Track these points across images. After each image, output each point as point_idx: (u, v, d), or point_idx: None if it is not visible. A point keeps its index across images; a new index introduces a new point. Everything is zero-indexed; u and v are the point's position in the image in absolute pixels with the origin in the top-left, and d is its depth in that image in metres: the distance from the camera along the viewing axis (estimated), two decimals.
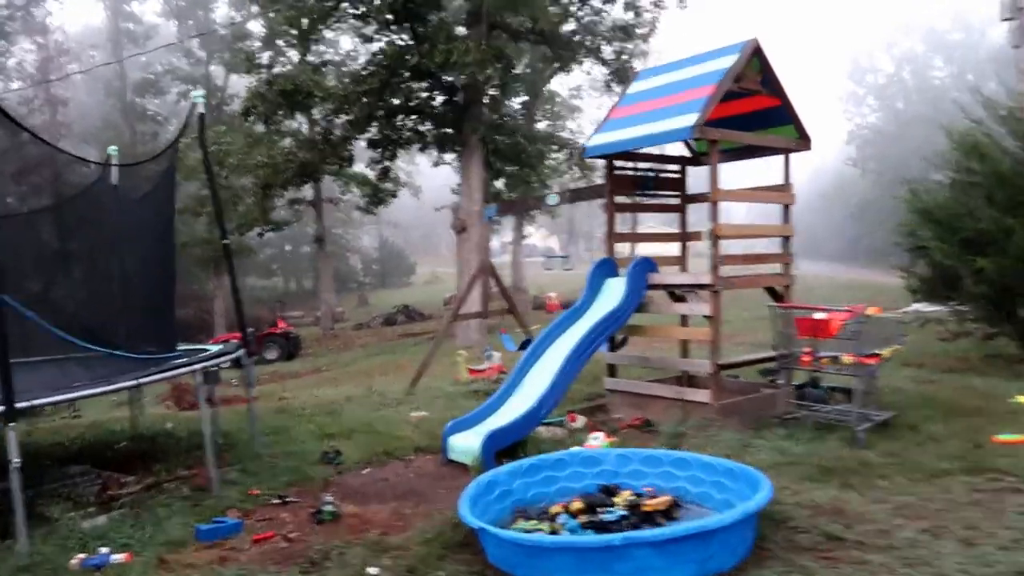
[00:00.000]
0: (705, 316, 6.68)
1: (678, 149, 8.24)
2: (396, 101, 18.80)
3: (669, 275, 7.17)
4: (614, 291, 7.16)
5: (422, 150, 20.91)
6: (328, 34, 18.89)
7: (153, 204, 7.16)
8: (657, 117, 6.87)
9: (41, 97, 36.68)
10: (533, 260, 52.24)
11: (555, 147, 20.06)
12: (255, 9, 20.66)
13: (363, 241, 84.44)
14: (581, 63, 19.99)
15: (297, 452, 6.56)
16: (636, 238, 8.07)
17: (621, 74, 19.85)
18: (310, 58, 18.74)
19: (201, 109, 6.63)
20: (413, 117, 19.19)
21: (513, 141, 19.68)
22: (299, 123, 23.38)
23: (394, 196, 22.23)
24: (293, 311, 50.95)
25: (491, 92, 18.60)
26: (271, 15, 17.72)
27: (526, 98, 25.93)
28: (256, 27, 31.15)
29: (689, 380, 8.02)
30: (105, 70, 46.63)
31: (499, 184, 23.17)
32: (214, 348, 7.17)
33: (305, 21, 17.17)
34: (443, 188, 57.33)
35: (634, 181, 7.67)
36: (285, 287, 72.67)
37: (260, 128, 18.53)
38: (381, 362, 20.57)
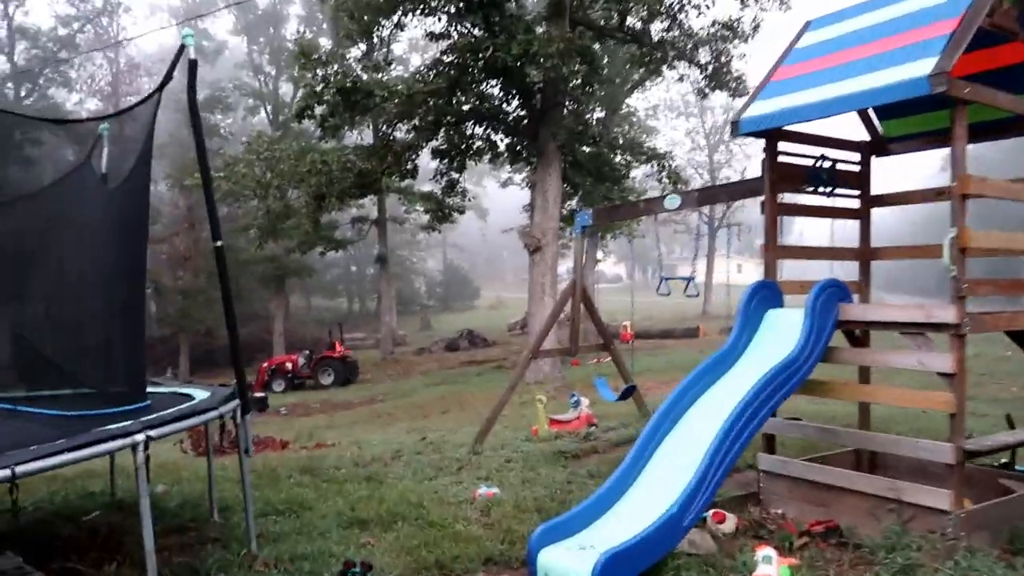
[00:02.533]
0: (942, 374, 4.25)
1: (857, 132, 5.89)
2: (466, 106, 16.87)
3: (874, 308, 4.78)
4: (783, 328, 4.83)
5: (492, 161, 18.93)
6: (391, 32, 17.03)
7: (127, 194, 5.18)
8: (858, 70, 4.56)
9: (110, 111, 36.38)
10: (606, 287, 49.89)
11: (643, 158, 17.78)
12: (322, 15, 19.01)
13: (427, 263, 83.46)
14: (674, 67, 17.76)
15: (308, 557, 4.40)
16: (805, 253, 5.66)
17: (717, 78, 17.49)
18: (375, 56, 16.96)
19: (191, 55, 4.63)
20: (484, 124, 17.22)
21: (595, 151, 17.47)
22: (359, 133, 21.69)
23: (461, 212, 20.29)
24: (355, 333, 49.70)
25: (573, 92, 16.47)
26: (339, 12, 15.99)
27: (602, 114, 23.83)
28: (325, 41, 30.06)
29: (872, 462, 5.59)
30: (174, 85, 46.63)
31: (572, 204, 21.06)
32: (200, 394, 5.08)
33: (367, 16, 15.45)
34: (511, 211, 55.64)
35: (803, 173, 5.35)
36: (349, 308, 71.99)
37: (317, 133, 16.81)
38: (442, 394, 18.49)
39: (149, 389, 5.58)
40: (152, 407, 4.61)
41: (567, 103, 16.11)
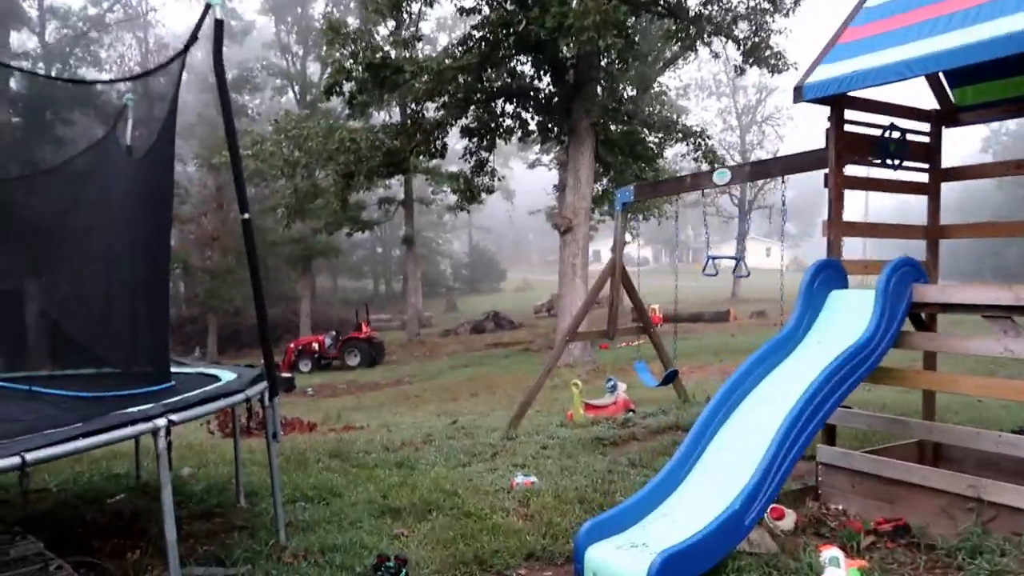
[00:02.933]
0: None
1: (925, 100, 5.46)
2: (496, 83, 16.48)
3: (954, 289, 4.38)
4: (850, 311, 4.46)
5: (523, 140, 18.52)
6: (420, 7, 16.58)
7: (150, 166, 4.92)
8: (936, 29, 4.15)
9: (140, 91, 36.45)
10: (632, 270, 49.35)
11: (678, 136, 17.24)
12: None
13: (454, 245, 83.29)
14: (709, 42, 17.17)
15: (339, 549, 4.15)
16: (869, 230, 5.25)
17: (756, 53, 16.88)
18: (403, 34, 16.58)
19: (218, 14, 4.33)
20: (515, 101, 16.81)
21: (628, 129, 16.99)
22: (387, 112, 21.38)
23: (489, 192, 19.94)
24: (381, 314, 49.71)
25: (608, 68, 15.97)
26: None
27: (633, 92, 23.18)
28: (353, 20, 29.68)
29: (935, 454, 5.21)
30: (201, 66, 46.71)
31: (603, 183, 20.59)
32: (226, 375, 4.85)
33: None
34: (537, 193, 55.20)
35: (870, 143, 4.94)
36: (375, 289, 72.14)
37: (345, 113, 16.51)
38: (469, 376, 18.28)
39: (174, 370, 5.37)
40: (176, 389, 4.39)
41: (601, 79, 15.64)
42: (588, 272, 16.39)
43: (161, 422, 3.14)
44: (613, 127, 16.95)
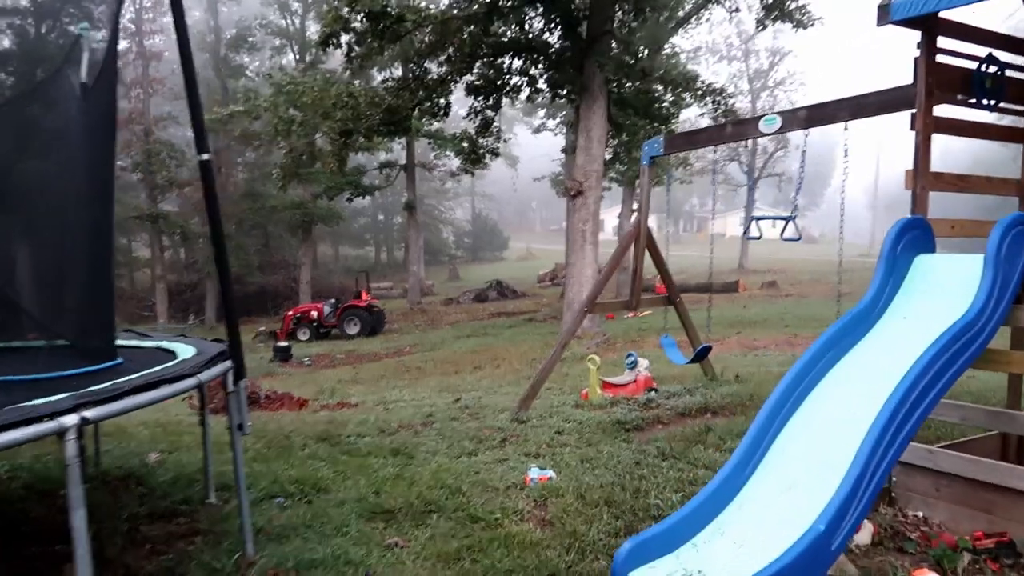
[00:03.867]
0: None
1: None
2: (504, 36, 15.47)
3: None
4: (943, 280, 3.66)
5: (531, 98, 17.51)
6: None
7: (93, 101, 4.09)
8: None
9: (134, 51, 35.28)
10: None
11: (697, 93, 16.21)
12: None
13: (456, 213, 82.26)
14: None
15: (318, 565, 3.40)
16: (959, 183, 4.36)
17: (780, 6, 15.82)
18: None
19: None
20: (523, 56, 15.80)
21: (643, 87, 15.98)
22: (389, 71, 20.35)
23: (495, 154, 18.99)
24: (382, 282, 48.95)
25: (623, 20, 14.92)
26: None
27: (646, 52, 22.04)
28: None
29: (1020, 450, 4.43)
30: (199, 24, 45.36)
31: (615, 146, 19.61)
32: (185, 351, 4.05)
33: None
34: (541, 160, 54.09)
35: (962, 79, 4.08)
36: (376, 257, 71.33)
37: (346, 75, 15.53)
38: (472, 347, 17.53)
39: (132, 343, 4.59)
40: (123, 368, 3.60)
41: (615, 32, 14.60)
42: (599, 238, 15.54)
43: (70, 420, 2.34)
44: (627, 84, 15.95)
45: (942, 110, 4.14)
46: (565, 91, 16.05)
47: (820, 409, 3.40)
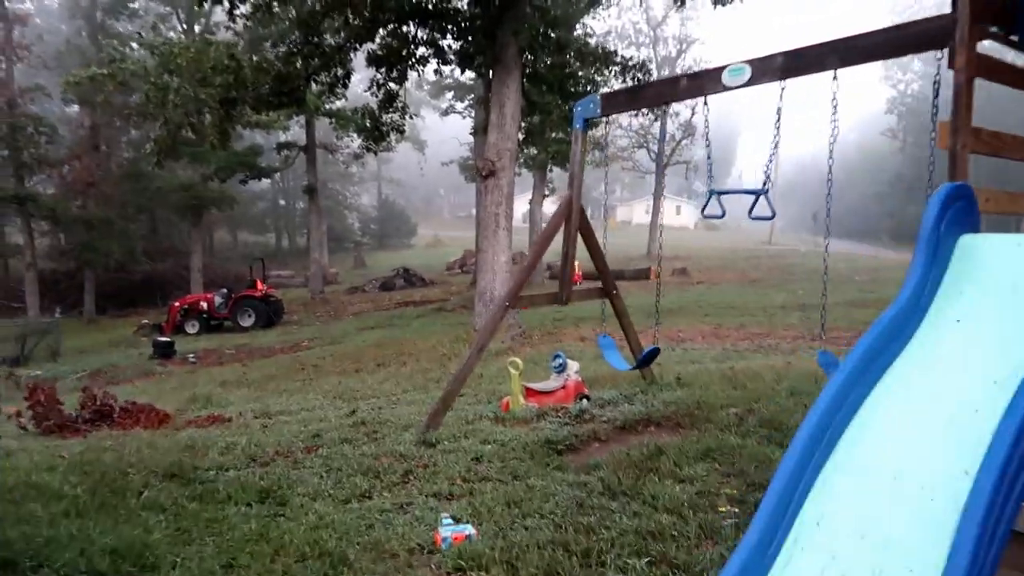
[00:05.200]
0: None
1: None
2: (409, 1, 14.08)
3: None
4: (1004, 270, 2.67)
5: (438, 71, 16.18)
6: None
7: None
8: None
9: None
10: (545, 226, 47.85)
11: (616, 68, 15.23)
12: None
13: (362, 199, 79.71)
14: None
15: None
16: (995, 143, 3.42)
17: None
18: None
19: None
20: (429, 24, 14.46)
21: (559, 61, 14.90)
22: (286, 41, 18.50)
23: (400, 131, 17.56)
24: (283, 270, 46.49)
25: None
26: None
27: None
28: None
29: None
30: None
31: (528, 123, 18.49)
32: None
33: None
34: (450, 143, 52.73)
35: (1005, 8, 3.14)
36: (277, 244, 68.18)
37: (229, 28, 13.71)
38: (376, 341, 16.14)
39: None
40: None
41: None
42: (513, 223, 14.44)
43: None
44: (543, 58, 14.84)
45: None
46: (476, 63, 14.80)
47: (866, 457, 2.35)
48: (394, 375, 10.04)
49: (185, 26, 34.75)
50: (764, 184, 4.35)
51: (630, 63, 15.35)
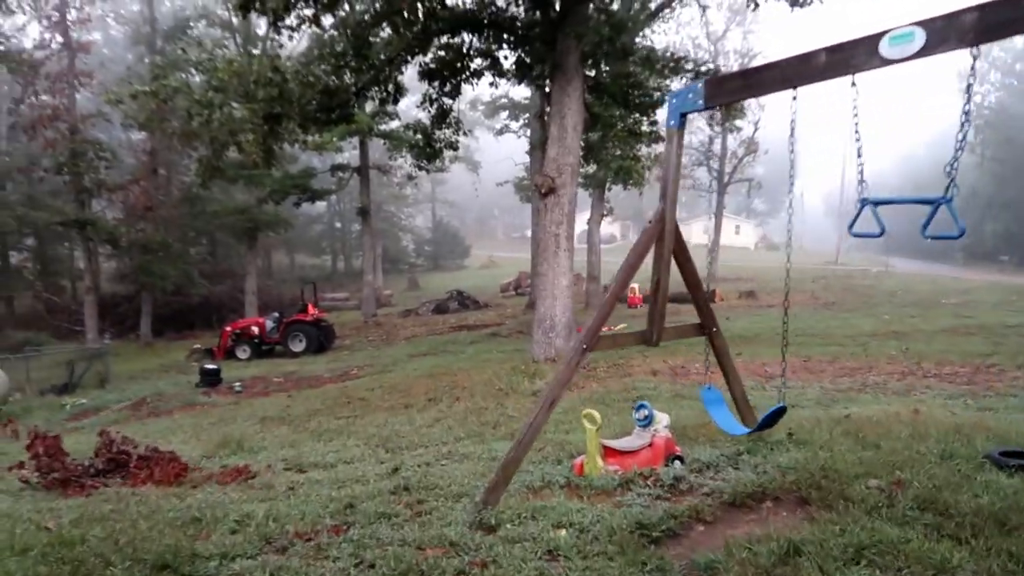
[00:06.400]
0: None
1: None
2: (463, 9, 13.21)
3: None
4: None
5: (493, 83, 15.25)
6: None
7: None
8: None
9: (58, 41, 32.17)
10: (610, 247, 46.75)
11: (689, 75, 14.00)
12: None
13: (416, 220, 79.71)
14: None
15: None
16: None
17: None
18: None
19: None
20: (484, 33, 13.55)
21: (623, 69, 13.77)
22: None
23: (454, 148, 16.69)
24: (338, 293, 46.25)
25: None
26: None
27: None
28: None
29: None
30: (132, 14, 42.20)
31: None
32: None
33: None
34: (504, 164, 52.03)
35: None
36: (333, 266, 68.41)
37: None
38: (429, 369, 15.15)
39: None
40: None
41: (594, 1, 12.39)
42: (574, 244, 13.34)
43: None
44: (606, 66, 13.75)
45: None
46: (534, 73, 13.82)
47: None
48: (446, 414, 8.98)
49: (242, 51, 34.88)
50: (947, 191, 3.15)
51: (702, 69, 14.16)
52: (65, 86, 31.72)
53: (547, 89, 13.58)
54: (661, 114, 16.12)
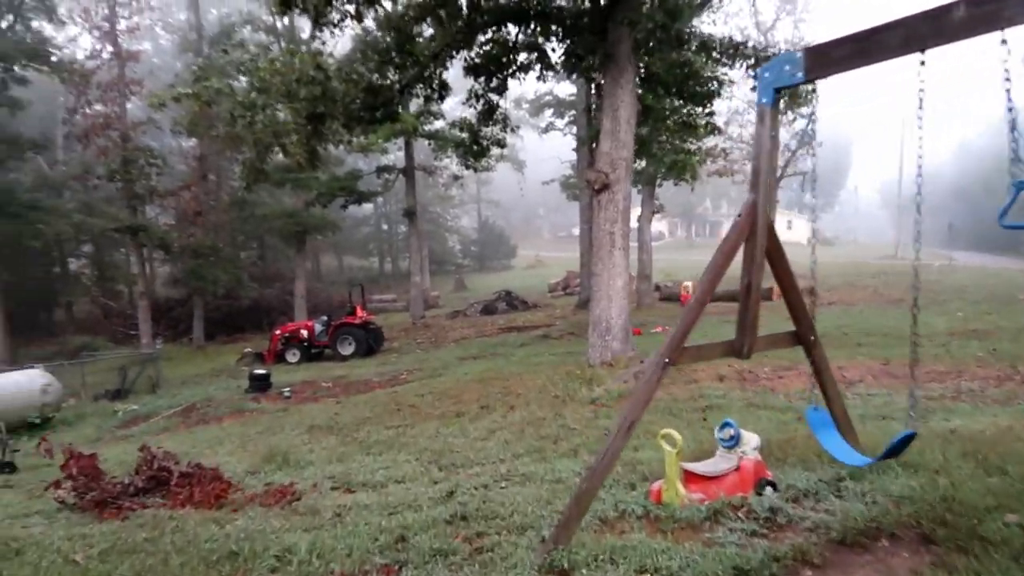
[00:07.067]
0: None
1: None
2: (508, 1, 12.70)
3: None
4: None
5: (541, 78, 14.71)
6: None
7: None
8: None
9: (109, 51, 32.64)
10: (657, 244, 45.80)
11: (749, 61, 13.22)
12: None
13: (462, 221, 79.62)
14: None
15: None
16: None
17: None
18: None
19: None
20: (531, 25, 13.01)
21: (678, 59, 13.08)
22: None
23: (501, 146, 16.21)
24: (386, 294, 46.23)
25: None
26: None
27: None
28: None
29: None
30: (180, 23, 42.78)
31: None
32: None
33: None
34: (550, 162, 51.44)
35: None
36: (380, 268, 68.69)
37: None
38: (479, 374, 14.69)
39: None
40: None
41: None
42: (629, 242, 12.73)
43: None
44: (660, 56, 13.06)
45: None
46: (585, 64, 13.22)
47: None
48: (501, 425, 8.48)
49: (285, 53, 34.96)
50: None
51: (762, 55, 13.36)
52: (116, 95, 32.16)
53: (600, 81, 12.97)
54: (719, 104, 15.40)
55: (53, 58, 30.47)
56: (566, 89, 44.36)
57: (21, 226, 26.36)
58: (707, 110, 14.90)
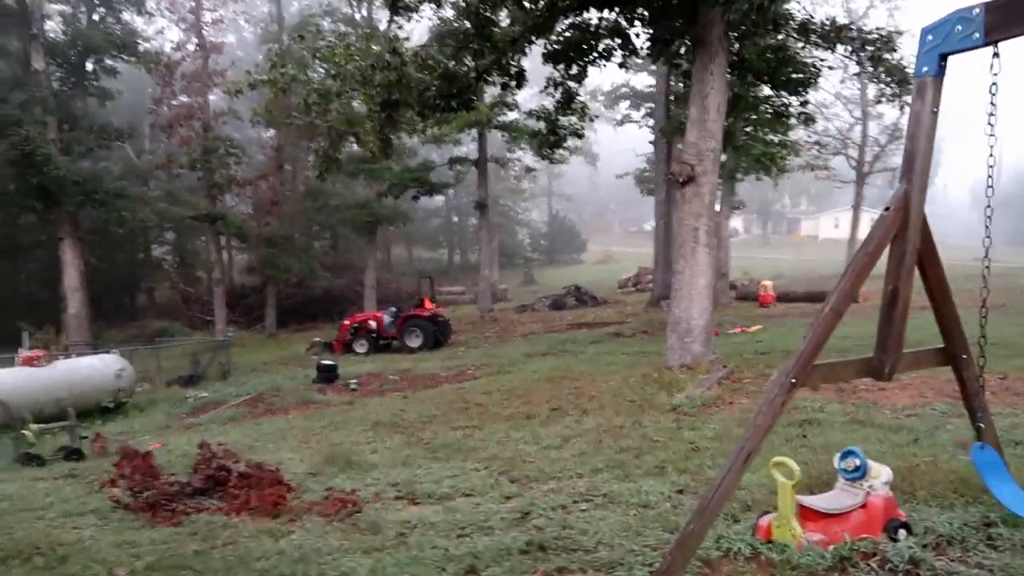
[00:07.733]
0: None
1: None
2: None
3: None
4: None
5: (624, 65, 14.01)
6: None
7: None
8: None
9: (193, 42, 33.38)
10: (734, 241, 44.37)
11: (855, 44, 12.22)
12: None
13: (532, 214, 79.18)
14: None
15: None
16: None
17: None
18: None
19: None
20: (614, 7, 12.34)
21: (773, 43, 12.20)
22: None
23: (579, 136, 15.62)
24: (455, 286, 46.17)
25: None
26: None
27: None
28: None
29: None
30: (262, 15, 43.54)
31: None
32: None
33: None
34: (624, 155, 50.37)
35: None
36: (449, 260, 68.89)
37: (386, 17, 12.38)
38: (548, 372, 14.14)
39: None
40: None
41: None
42: (714, 240, 11.95)
43: None
44: (753, 40, 12.21)
45: None
46: (672, 48, 12.48)
47: None
48: (574, 431, 7.92)
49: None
50: None
51: (869, 37, 12.34)
52: (199, 85, 32.87)
53: (686, 68, 12.22)
54: (814, 94, 14.40)
55: (141, 49, 31.23)
56: (643, 80, 43.32)
57: (108, 213, 27.16)
58: (801, 99, 13.95)
